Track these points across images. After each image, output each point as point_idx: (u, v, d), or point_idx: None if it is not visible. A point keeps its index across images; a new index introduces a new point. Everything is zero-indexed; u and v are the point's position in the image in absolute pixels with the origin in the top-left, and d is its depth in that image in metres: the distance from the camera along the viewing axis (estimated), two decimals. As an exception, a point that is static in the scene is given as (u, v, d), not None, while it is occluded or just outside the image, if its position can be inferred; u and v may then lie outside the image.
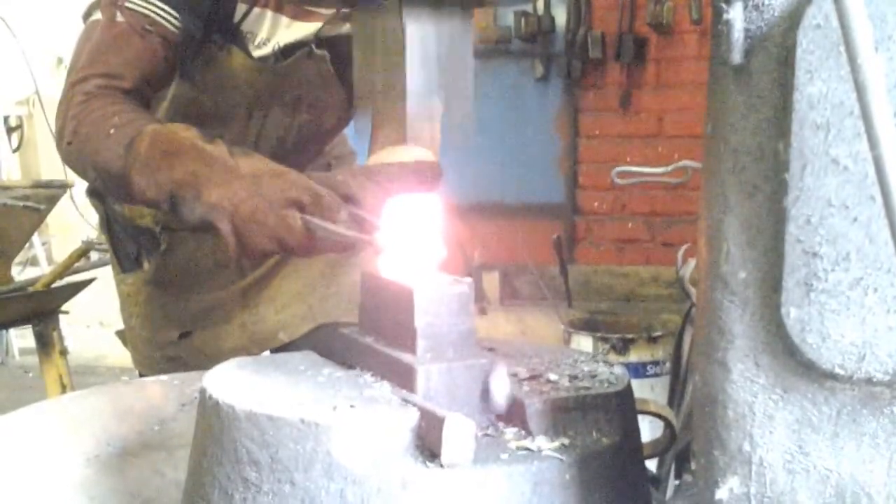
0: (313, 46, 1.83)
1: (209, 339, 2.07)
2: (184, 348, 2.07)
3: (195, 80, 1.78)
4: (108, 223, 2.10)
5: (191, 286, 2.05)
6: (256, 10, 1.77)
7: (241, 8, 1.76)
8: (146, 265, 2.05)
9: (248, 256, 1.45)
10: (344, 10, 1.77)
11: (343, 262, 2.07)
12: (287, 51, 1.83)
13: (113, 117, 1.57)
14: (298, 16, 1.81)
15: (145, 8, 1.66)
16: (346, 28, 1.84)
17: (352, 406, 1.01)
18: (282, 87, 1.85)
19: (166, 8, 1.67)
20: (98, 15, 1.68)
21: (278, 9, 1.79)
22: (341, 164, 2.18)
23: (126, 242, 2.08)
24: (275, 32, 1.80)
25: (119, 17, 1.66)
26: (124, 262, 2.09)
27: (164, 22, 1.67)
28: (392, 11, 1.14)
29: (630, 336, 3.44)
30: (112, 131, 1.54)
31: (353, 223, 1.39)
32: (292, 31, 1.82)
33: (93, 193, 2.12)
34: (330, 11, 1.80)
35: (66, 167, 1.69)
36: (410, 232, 1.21)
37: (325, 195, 1.40)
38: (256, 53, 1.80)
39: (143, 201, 1.53)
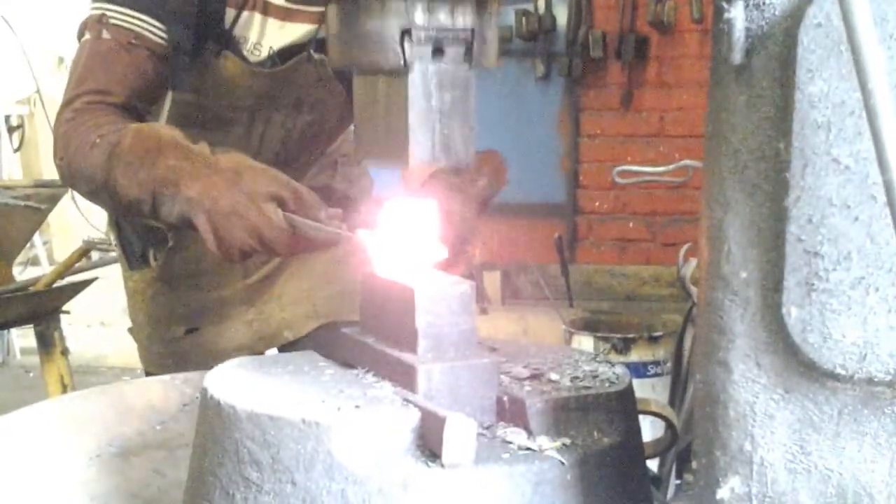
0: (311, 51, 1.83)
1: (215, 336, 2.07)
2: (190, 345, 2.07)
3: (195, 86, 1.79)
4: (116, 220, 2.11)
5: (197, 283, 2.06)
6: (245, 13, 1.78)
7: (230, 13, 1.77)
8: (153, 262, 2.05)
9: (226, 254, 1.42)
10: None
11: (348, 262, 2.08)
12: (283, 54, 1.83)
13: (97, 129, 1.59)
14: (286, 17, 1.81)
15: (129, 23, 1.68)
16: None
17: (353, 406, 1.01)
18: (281, 90, 1.85)
19: (151, 20, 1.68)
20: (87, 34, 1.70)
21: (265, 11, 1.79)
22: (349, 162, 2.19)
23: (133, 239, 2.08)
24: (265, 36, 1.81)
25: (105, 34, 1.68)
26: (131, 260, 2.10)
27: (149, 35, 1.69)
28: (393, 74, 1.15)
29: (631, 336, 3.44)
30: (97, 140, 1.56)
31: (334, 221, 1.39)
32: (284, 34, 1.82)
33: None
34: (320, 9, 1.80)
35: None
36: (402, 232, 1.21)
37: (304, 192, 1.40)
38: (252, 58, 1.81)
39: (128, 204, 1.52)
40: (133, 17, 1.68)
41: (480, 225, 1.55)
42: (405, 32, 1.12)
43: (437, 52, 1.14)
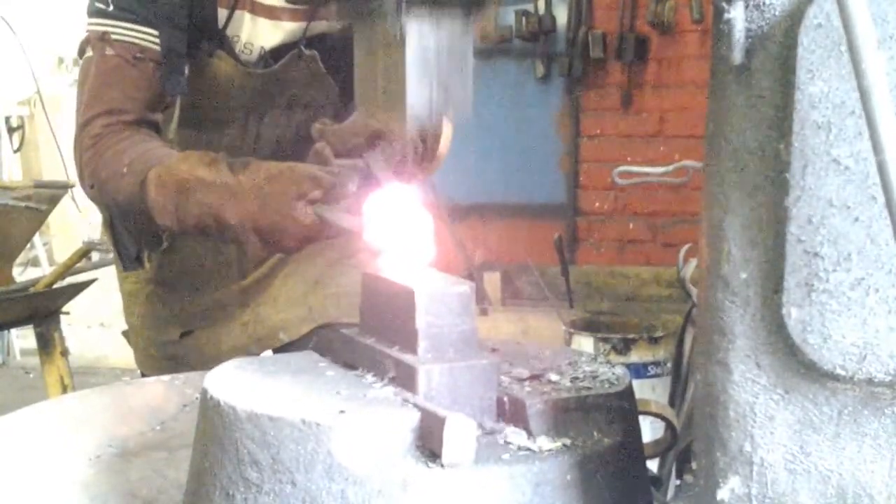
0: (302, 47, 1.84)
1: (210, 338, 2.07)
2: (185, 347, 2.07)
3: (191, 88, 1.79)
4: (111, 222, 2.11)
5: (192, 285, 2.06)
6: (236, 13, 1.78)
7: (222, 13, 1.77)
8: (148, 264, 2.05)
9: (287, 254, 1.64)
10: (323, 6, 1.78)
11: (343, 263, 2.08)
12: (275, 53, 1.84)
13: (123, 155, 1.63)
14: (274, 15, 1.82)
15: (131, 36, 1.69)
16: (329, 26, 1.86)
17: (353, 407, 1.01)
18: (275, 89, 1.86)
19: (149, 30, 1.70)
20: (91, 52, 1.71)
21: (253, 10, 1.80)
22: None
23: (128, 241, 2.08)
24: (255, 35, 1.82)
25: (109, 51, 1.69)
26: (126, 261, 2.10)
27: (151, 45, 1.70)
28: (392, 19, 1.14)
29: (631, 336, 3.44)
30: (125, 170, 1.61)
31: (362, 188, 1.43)
32: (274, 33, 1.83)
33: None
34: (304, 7, 1.80)
35: (68, 168, 1.73)
36: (401, 227, 1.21)
37: (325, 177, 1.45)
38: (244, 58, 1.81)
39: (174, 234, 1.66)
40: (134, 30, 1.69)
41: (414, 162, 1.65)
42: None
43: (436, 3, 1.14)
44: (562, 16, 5.43)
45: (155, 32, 1.70)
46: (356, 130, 1.60)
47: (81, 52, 1.76)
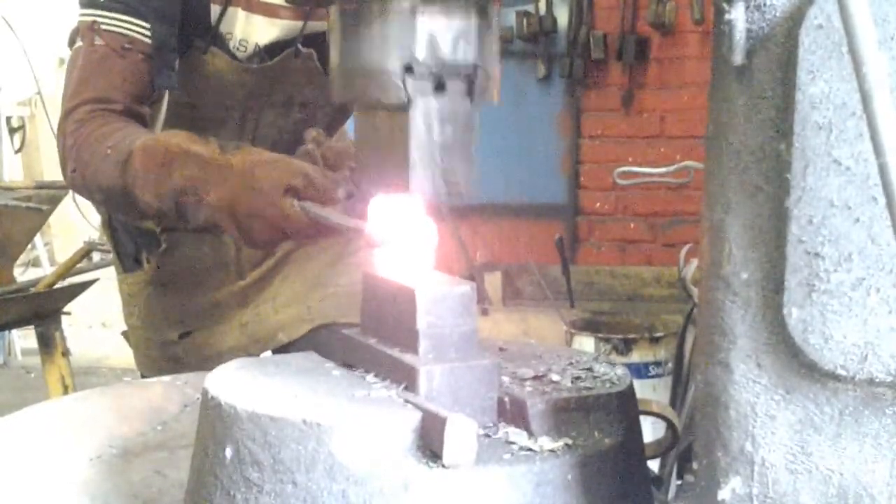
0: (299, 45, 1.83)
1: (209, 339, 2.07)
2: (184, 348, 2.07)
3: (185, 86, 1.79)
4: (110, 222, 2.11)
5: (191, 286, 2.05)
6: (230, 9, 1.77)
7: (214, 9, 1.76)
8: (146, 265, 2.05)
9: (254, 247, 1.50)
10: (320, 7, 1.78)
11: (342, 263, 2.08)
12: (270, 50, 1.83)
13: (106, 139, 1.60)
14: (270, 13, 1.81)
15: (120, 27, 1.68)
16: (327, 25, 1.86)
17: (354, 407, 1.01)
18: (271, 87, 1.85)
19: (139, 22, 1.68)
20: (80, 42, 1.70)
21: (248, 7, 1.79)
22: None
23: (126, 242, 2.08)
24: (250, 32, 1.81)
25: (98, 41, 1.68)
26: (125, 262, 2.10)
27: (140, 37, 1.69)
28: (395, 109, 1.14)
29: (632, 336, 3.44)
30: (108, 152, 1.58)
31: (350, 200, 1.40)
32: (269, 30, 1.82)
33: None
34: (305, 5, 1.80)
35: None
36: (402, 226, 1.21)
37: (317, 177, 1.42)
38: (239, 55, 1.81)
39: (152, 215, 1.58)
40: (124, 21, 1.68)
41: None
42: (407, 68, 1.12)
43: (439, 87, 1.14)
44: (563, 16, 5.43)
45: (145, 24, 1.68)
46: (349, 153, 1.57)
47: (71, 43, 1.75)
